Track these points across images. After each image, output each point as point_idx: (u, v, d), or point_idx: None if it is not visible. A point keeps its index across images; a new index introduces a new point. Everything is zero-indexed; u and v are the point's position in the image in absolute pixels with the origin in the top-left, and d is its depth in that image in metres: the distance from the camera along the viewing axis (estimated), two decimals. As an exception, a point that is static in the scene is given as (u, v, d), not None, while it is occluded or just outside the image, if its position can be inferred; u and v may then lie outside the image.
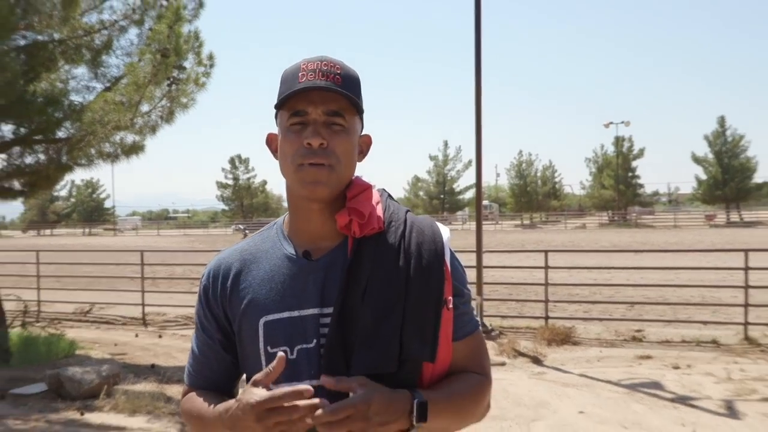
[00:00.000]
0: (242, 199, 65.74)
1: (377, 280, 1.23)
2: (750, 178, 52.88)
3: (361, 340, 1.19)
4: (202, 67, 7.06)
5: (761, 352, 7.59)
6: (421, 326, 1.22)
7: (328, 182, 1.23)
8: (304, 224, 1.31)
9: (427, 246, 1.28)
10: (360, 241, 1.27)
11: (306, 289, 1.26)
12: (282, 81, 1.28)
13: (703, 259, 16.47)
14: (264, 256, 1.33)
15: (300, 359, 1.23)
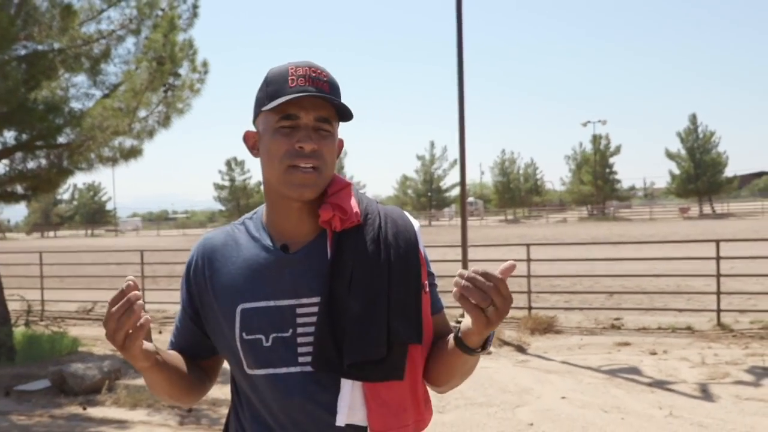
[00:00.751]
0: (239, 200, 66.93)
1: (362, 271, 1.28)
2: (721, 173, 54.06)
3: (351, 329, 1.24)
4: (196, 73, 7.31)
5: (733, 337, 8.01)
6: (406, 311, 1.29)
7: (315, 185, 1.28)
8: (282, 220, 1.35)
9: (402, 236, 1.36)
10: (340, 235, 1.31)
11: (282, 280, 1.30)
12: (268, 82, 1.31)
13: (677, 250, 16.99)
14: (245, 243, 1.36)
15: (276, 347, 1.28)
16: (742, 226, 33.49)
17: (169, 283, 15.40)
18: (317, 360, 1.26)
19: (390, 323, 1.26)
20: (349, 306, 1.26)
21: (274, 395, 1.28)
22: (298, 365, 1.28)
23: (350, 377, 1.25)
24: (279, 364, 1.28)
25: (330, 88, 1.30)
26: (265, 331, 1.29)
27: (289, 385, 1.27)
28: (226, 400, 6.04)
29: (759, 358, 6.85)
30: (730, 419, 5.06)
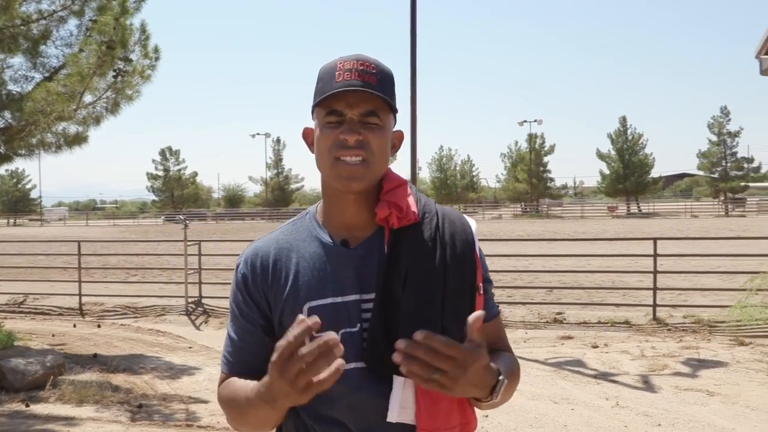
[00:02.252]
0: (173, 190, 65.25)
1: (417, 269, 1.28)
2: (648, 173, 56.49)
3: (404, 326, 1.23)
4: (148, 59, 7.07)
5: (668, 331, 8.41)
6: (460, 312, 1.27)
7: (363, 177, 1.28)
8: (339, 214, 1.35)
9: (459, 236, 1.35)
10: (397, 232, 1.32)
11: (346, 275, 1.31)
12: (319, 78, 1.32)
13: (611, 247, 17.64)
14: (302, 245, 1.36)
15: (345, 342, 1.23)
16: (667, 225, 35.07)
17: (104, 275, 14.91)
18: (369, 357, 1.26)
19: (443, 323, 1.26)
20: (403, 303, 1.26)
21: (342, 390, 1.26)
22: (362, 360, 1.28)
23: (402, 375, 1.20)
24: (348, 360, 1.25)
25: (378, 80, 1.29)
26: (335, 327, 1.27)
27: (357, 380, 1.27)
28: (176, 395, 5.92)
29: (693, 351, 7.21)
30: (672, 409, 5.32)
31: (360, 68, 1.28)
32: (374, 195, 1.34)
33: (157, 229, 44.71)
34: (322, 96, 1.27)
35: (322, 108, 1.29)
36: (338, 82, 1.26)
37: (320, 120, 1.31)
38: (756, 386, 5.88)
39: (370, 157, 1.28)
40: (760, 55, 7.55)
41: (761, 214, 47.21)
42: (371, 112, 1.28)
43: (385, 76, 1.31)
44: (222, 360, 1.41)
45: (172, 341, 8.36)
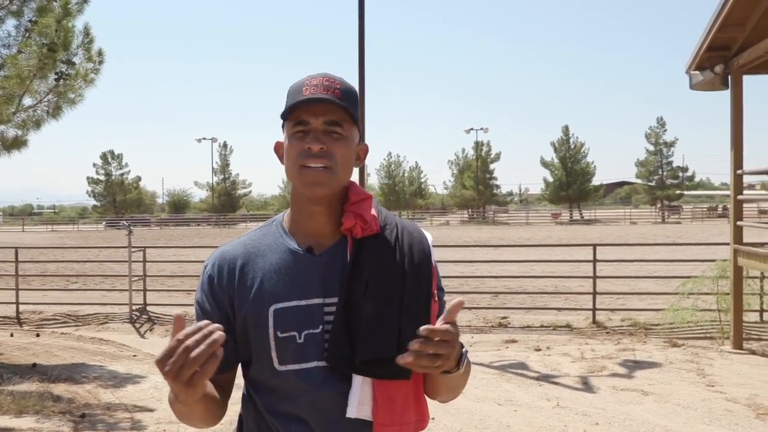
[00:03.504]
0: (114, 195, 63.42)
1: (378, 276, 1.37)
2: (589, 181, 58.19)
3: (365, 328, 1.32)
4: (91, 63, 6.94)
5: (607, 333, 8.72)
6: (416, 316, 1.36)
7: (327, 183, 1.36)
8: (307, 222, 1.43)
9: (417, 247, 1.45)
10: (359, 242, 1.41)
11: (311, 280, 1.38)
12: (288, 94, 1.41)
13: (554, 253, 18.13)
14: (268, 250, 1.43)
15: (307, 342, 1.36)
16: (607, 231, 36.20)
17: (42, 283, 14.47)
18: (331, 356, 1.34)
19: (401, 326, 1.34)
20: (364, 307, 1.34)
21: (303, 388, 1.35)
22: (324, 360, 1.36)
23: (361, 373, 1.33)
24: (310, 359, 1.36)
25: (342, 94, 1.38)
26: (298, 329, 1.36)
27: (318, 378, 1.35)
28: (121, 404, 5.83)
29: (630, 353, 7.51)
30: (609, 408, 5.54)
31: (326, 83, 1.38)
32: (339, 206, 1.43)
33: (98, 235, 43.51)
34: (289, 107, 1.37)
35: (291, 120, 1.39)
36: (305, 95, 1.36)
37: (288, 131, 1.40)
38: (687, 385, 6.18)
39: (333, 165, 1.36)
40: (689, 71, 7.94)
41: (695, 221, 49.27)
42: (335, 122, 1.37)
43: (348, 92, 1.41)
44: None
45: (116, 350, 8.19)
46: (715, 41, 7.42)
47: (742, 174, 7.68)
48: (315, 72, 1.43)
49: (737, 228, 7.67)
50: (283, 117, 1.40)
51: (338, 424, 1.35)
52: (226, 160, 68.03)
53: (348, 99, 1.39)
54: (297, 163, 1.37)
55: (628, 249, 18.70)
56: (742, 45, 7.34)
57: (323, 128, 1.37)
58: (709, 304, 8.50)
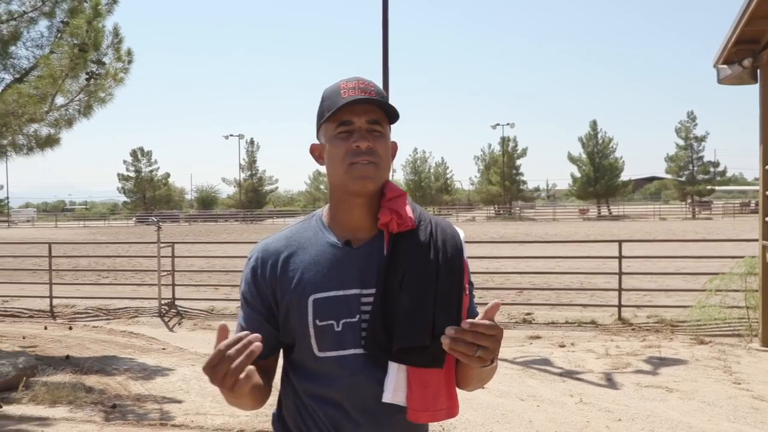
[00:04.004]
0: (144, 191, 64.59)
1: (413, 269, 1.44)
2: (618, 176, 57.45)
3: (401, 319, 1.40)
4: (120, 62, 7.10)
5: (632, 330, 8.66)
6: (449, 308, 1.44)
7: (374, 178, 1.45)
8: (346, 217, 1.51)
9: (450, 242, 1.52)
10: (396, 236, 1.48)
11: (349, 272, 1.46)
12: (324, 99, 1.50)
13: (581, 249, 18.00)
14: (309, 243, 1.51)
15: (345, 331, 1.44)
16: (635, 228, 35.74)
17: (75, 277, 14.79)
18: (368, 344, 1.43)
19: (435, 317, 1.41)
20: (400, 299, 1.42)
21: (341, 373, 1.44)
22: (361, 347, 1.44)
23: (397, 361, 1.41)
24: (347, 347, 1.45)
25: (377, 95, 1.47)
26: (336, 318, 1.45)
27: (355, 364, 1.44)
28: (150, 396, 5.98)
29: (655, 349, 7.46)
30: (632, 405, 5.53)
31: (361, 86, 1.47)
32: (377, 202, 1.51)
33: (128, 231, 44.30)
34: (334, 110, 1.45)
35: (332, 122, 1.47)
36: (345, 97, 1.44)
37: (331, 133, 1.48)
38: (712, 383, 6.13)
39: (378, 161, 1.46)
40: (717, 65, 7.84)
41: (726, 217, 48.34)
42: (376, 121, 1.47)
43: (381, 94, 1.50)
44: None
45: (146, 343, 8.38)
46: (743, 35, 7.31)
47: (771, 169, 7.55)
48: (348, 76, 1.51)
49: (766, 224, 7.56)
50: (325, 119, 1.47)
51: (373, 408, 1.44)
52: (253, 157, 68.66)
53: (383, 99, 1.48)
54: (345, 161, 1.45)
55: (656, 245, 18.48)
56: (772, 38, 7.22)
57: (366, 127, 1.46)
58: (738, 301, 8.40)
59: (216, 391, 5.70)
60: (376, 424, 1.45)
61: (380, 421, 1.45)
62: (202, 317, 10.11)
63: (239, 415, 5.35)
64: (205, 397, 5.89)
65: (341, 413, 1.45)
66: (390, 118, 1.50)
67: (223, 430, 5.01)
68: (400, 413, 1.43)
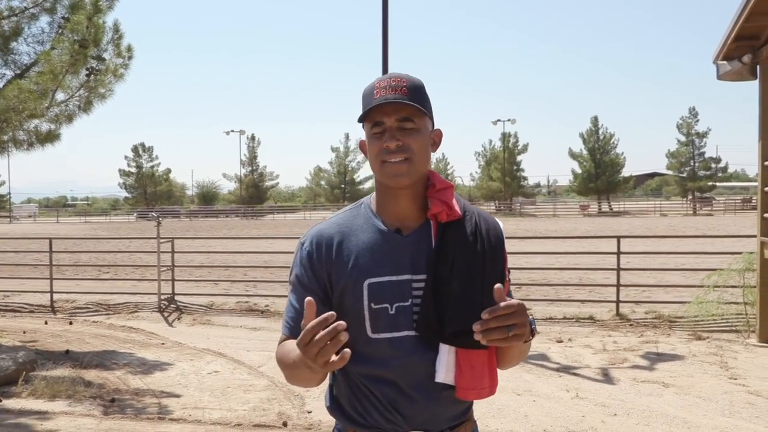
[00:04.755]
0: (145, 187, 64.60)
1: (462, 257, 1.54)
2: (619, 173, 57.38)
3: (452, 304, 1.49)
4: (120, 58, 7.12)
5: (630, 326, 8.68)
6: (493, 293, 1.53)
7: (407, 173, 1.52)
8: (393, 206, 1.60)
9: (493, 232, 1.62)
10: (444, 226, 1.58)
11: (402, 258, 1.55)
12: (362, 98, 1.59)
13: (579, 245, 18.02)
14: (360, 230, 1.60)
15: (398, 314, 1.53)
16: (636, 224, 35.73)
17: (75, 272, 14.84)
18: (421, 326, 1.52)
19: (483, 302, 1.49)
20: (451, 285, 1.52)
21: (395, 354, 1.52)
22: (413, 330, 1.53)
23: (448, 343, 1.51)
24: (401, 329, 1.54)
25: (409, 90, 1.54)
26: (390, 301, 1.54)
27: (408, 346, 1.53)
28: (149, 390, 6.01)
29: (653, 345, 7.48)
30: (628, 400, 5.56)
31: (393, 84, 1.55)
32: (422, 191, 1.60)
33: (129, 226, 44.36)
34: (364, 111, 1.55)
35: (368, 122, 1.56)
36: (376, 98, 1.53)
37: (368, 132, 1.58)
38: (708, 378, 6.16)
39: (411, 156, 1.53)
40: (717, 61, 7.84)
41: (728, 213, 48.31)
42: (406, 118, 1.54)
43: (415, 87, 1.56)
44: (283, 324, 1.63)
45: (145, 338, 8.42)
46: (743, 31, 7.32)
47: (769, 165, 7.57)
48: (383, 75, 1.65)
49: (764, 220, 7.58)
50: (360, 120, 1.57)
51: (425, 386, 1.54)
52: (254, 153, 68.65)
53: (415, 93, 1.55)
54: (378, 159, 1.54)
55: (655, 241, 18.49)
56: (771, 34, 7.23)
57: (397, 125, 1.53)
58: (735, 297, 8.42)
59: (214, 385, 5.72)
60: (429, 400, 1.54)
61: (432, 397, 1.54)
62: (202, 312, 10.14)
63: (236, 410, 5.39)
64: (203, 391, 5.93)
65: (397, 391, 1.54)
66: (424, 111, 1.56)
67: (220, 424, 5.05)
68: (449, 390, 1.54)
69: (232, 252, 14.94)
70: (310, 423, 5.06)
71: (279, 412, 5.29)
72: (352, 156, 63.33)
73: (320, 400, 5.64)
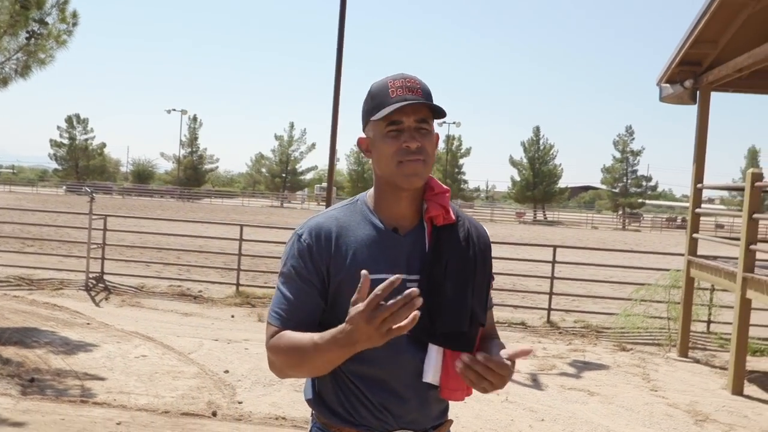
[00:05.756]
0: (77, 160, 61.94)
1: (455, 261, 1.58)
2: (555, 183, 59.06)
3: (445, 305, 1.54)
4: (64, 24, 6.78)
5: (559, 334, 8.92)
6: (482, 297, 1.63)
7: (422, 174, 1.55)
8: (392, 205, 1.60)
9: (482, 238, 1.68)
10: (438, 229, 1.61)
11: (398, 257, 1.57)
12: (372, 96, 1.58)
13: (515, 251, 18.37)
14: (357, 226, 1.60)
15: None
16: (568, 234, 36.80)
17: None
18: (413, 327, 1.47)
19: (472, 306, 1.58)
20: (444, 287, 1.56)
21: (387, 353, 1.50)
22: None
23: (438, 343, 1.54)
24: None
25: (423, 93, 1.56)
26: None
27: (400, 344, 1.51)
28: (72, 371, 5.77)
29: (580, 353, 7.71)
30: (555, 405, 5.70)
31: (408, 84, 1.56)
32: (420, 194, 1.62)
33: (57, 200, 42.63)
34: (384, 110, 1.53)
35: (383, 121, 1.54)
36: (394, 97, 1.53)
37: (380, 130, 1.56)
38: (631, 388, 6.39)
39: (426, 158, 1.56)
40: (660, 83, 8.13)
41: (654, 230, 50.40)
42: (423, 120, 1.56)
43: (426, 89, 1.59)
44: (273, 315, 1.59)
45: (69, 316, 8.08)
46: (687, 56, 7.61)
47: (701, 188, 7.91)
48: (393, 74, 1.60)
49: (693, 240, 7.91)
50: (375, 117, 1.55)
51: (414, 385, 1.56)
52: (194, 134, 67.04)
53: (428, 96, 1.57)
54: (395, 159, 1.53)
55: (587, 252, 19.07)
56: (713, 62, 7.55)
57: (415, 126, 1.54)
58: (660, 312, 8.76)
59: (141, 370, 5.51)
60: (419, 399, 1.58)
61: (421, 396, 1.58)
62: (131, 294, 9.82)
63: (164, 396, 5.24)
64: (130, 375, 5.74)
65: (388, 390, 1.56)
66: (436, 114, 1.57)
67: (146, 410, 4.89)
68: (434, 389, 1.57)
69: (166, 234, 14.50)
70: (241, 414, 4.96)
71: (209, 401, 5.18)
72: (296, 145, 62.67)
73: (252, 391, 5.56)
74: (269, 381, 5.78)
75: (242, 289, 10.24)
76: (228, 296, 9.93)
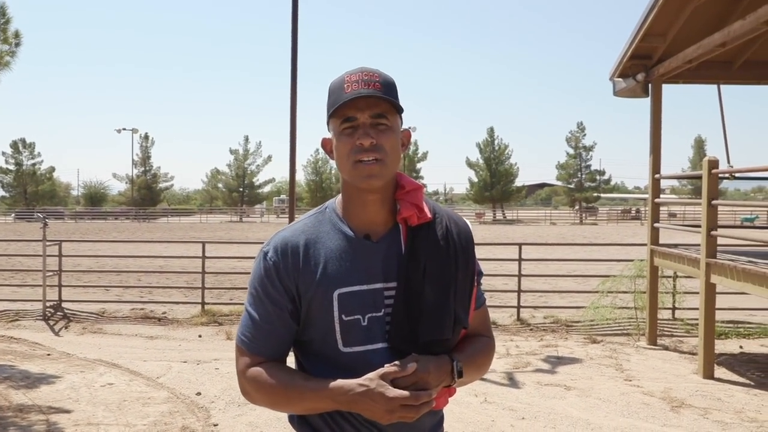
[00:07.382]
0: (25, 186, 59.96)
1: (433, 262, 1.46)
2: (512, 182, 59.76)
3: (426, 312, 1.43)
4: (6, 45, 6.52)
5: (530, 330, 8.96)
6: (465, 299, 1.51)
7: (380, 174, 1.42)
8: (360, 211, 1.49)
9: (463, 235, 1.56)
10: (413, 230, 1.49)
11: (373, 266, 1.46)
12: (330, 93, 1.47)
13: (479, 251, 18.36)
14: (327, 236, 1.49)
15: (372, 326, 1.44)
16: (528, 231, 37.28)
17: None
18: (393, 337, 1.44)
19: (454, 308, 1.48)
20: (424, 292, 1.45)
21: (368, 368, 1.39)
22: (386, 341, 1.46)
23: (423, 353, 1.42)
24: (375, 341, 1.45)
25: (382, 86, 1.44)
26: (362, 312, 1.45)
27: (382, 358, 1.42)
28: (35, 406, 5.52)
29: (552, 349, 7.75)
30: (534, 403, 5.69)
31: (365, 78, 1.44)
32: (391, 194, 1.51)
33: (6, 228, 41.23)
34: (335, 106, 1.43)
35: (337, 118, 1.45)
36: (347, 93, 1.42)
37: (336, 129, 1.46)
38: (606, 380, 6.43)
39: (384, 157, 1.43)
40: (613, 77, 8.26)
41: (610, 222, 51.51)
42: (380, 115, 1.44)
43: (388, 83, 1.47)
44: (241, 340, 1.50)
45: (28, 348, 7.76)
46: (638, 50, 7.75)
47: (659, 178, 8.05)
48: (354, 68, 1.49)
49: (654, 229, 8.04)
50: (331, 115, 1.45)
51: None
52: (147, 153, 65.74)
53: (389, 90, 1.45)
54: (350, 159, 1.43)
55: (549, 248, 19.30)
56: (663, 54, 7.71)
57: (370, 122, 1.43)
58: (627, 302, 8.88)
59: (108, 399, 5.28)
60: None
61: None
62: (92, 320, 9.50)
63: (135, 424, 5.04)
64: (97, 405, 5.51)
65: None
66: (398, 109, 1.47)
67: (118, 440, 4.69)
68: None
69: (125, 256, 14.12)
70: (217, 437, 4.81)
71: (182, 426, 5.00)
72: (252, 158, 62.05)
73: (226, 412, 5.40)
74: (244, 400, 5.62)
75: (208, 307, 10.01)
76: (194, 316, 9.69)
